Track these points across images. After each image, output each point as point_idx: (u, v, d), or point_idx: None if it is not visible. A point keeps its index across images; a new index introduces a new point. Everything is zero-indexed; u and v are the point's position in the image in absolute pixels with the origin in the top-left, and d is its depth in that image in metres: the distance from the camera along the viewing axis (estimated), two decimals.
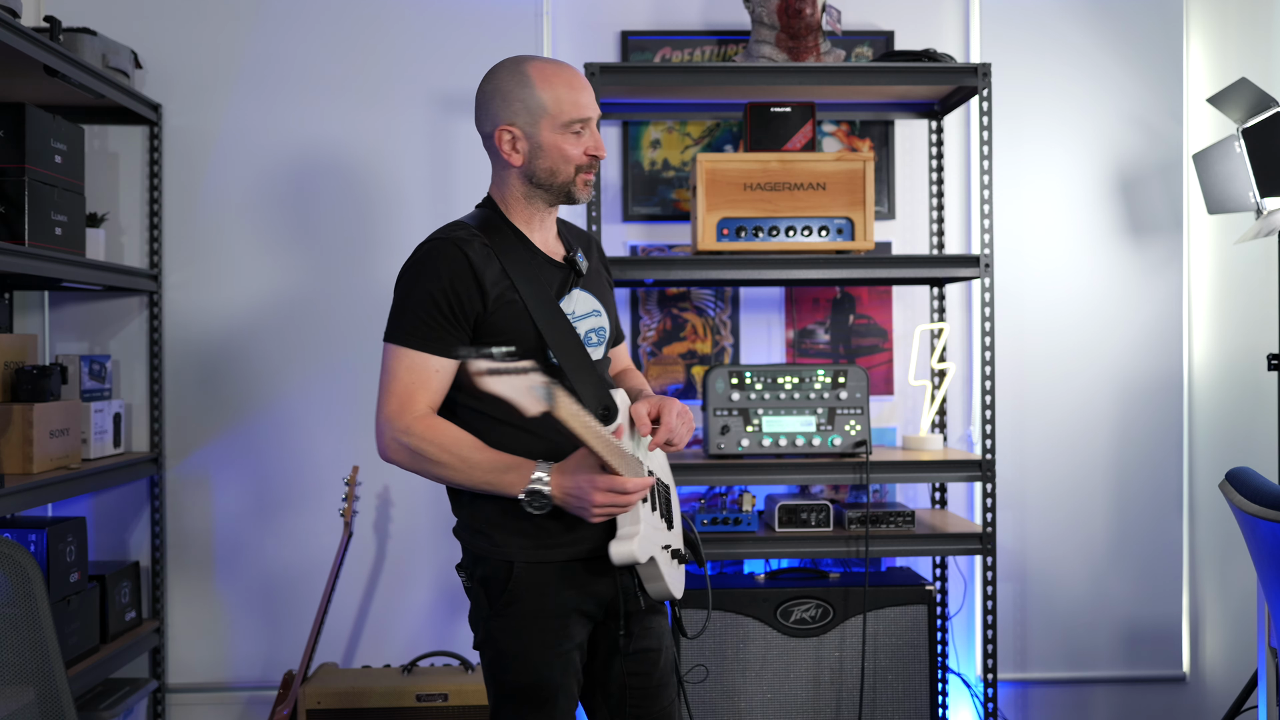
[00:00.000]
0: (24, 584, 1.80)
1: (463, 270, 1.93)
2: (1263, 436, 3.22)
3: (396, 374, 1.93)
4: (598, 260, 2.17)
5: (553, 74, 1.99)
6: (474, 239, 1.97)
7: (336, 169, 3.52)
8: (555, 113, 1.97)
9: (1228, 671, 3.46)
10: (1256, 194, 3.00)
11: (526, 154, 2.00)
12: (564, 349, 1.96)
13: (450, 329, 1.93)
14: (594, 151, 2.01)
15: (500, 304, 1.94)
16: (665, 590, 1.99)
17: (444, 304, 1.93)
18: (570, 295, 2.03)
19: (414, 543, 3.52)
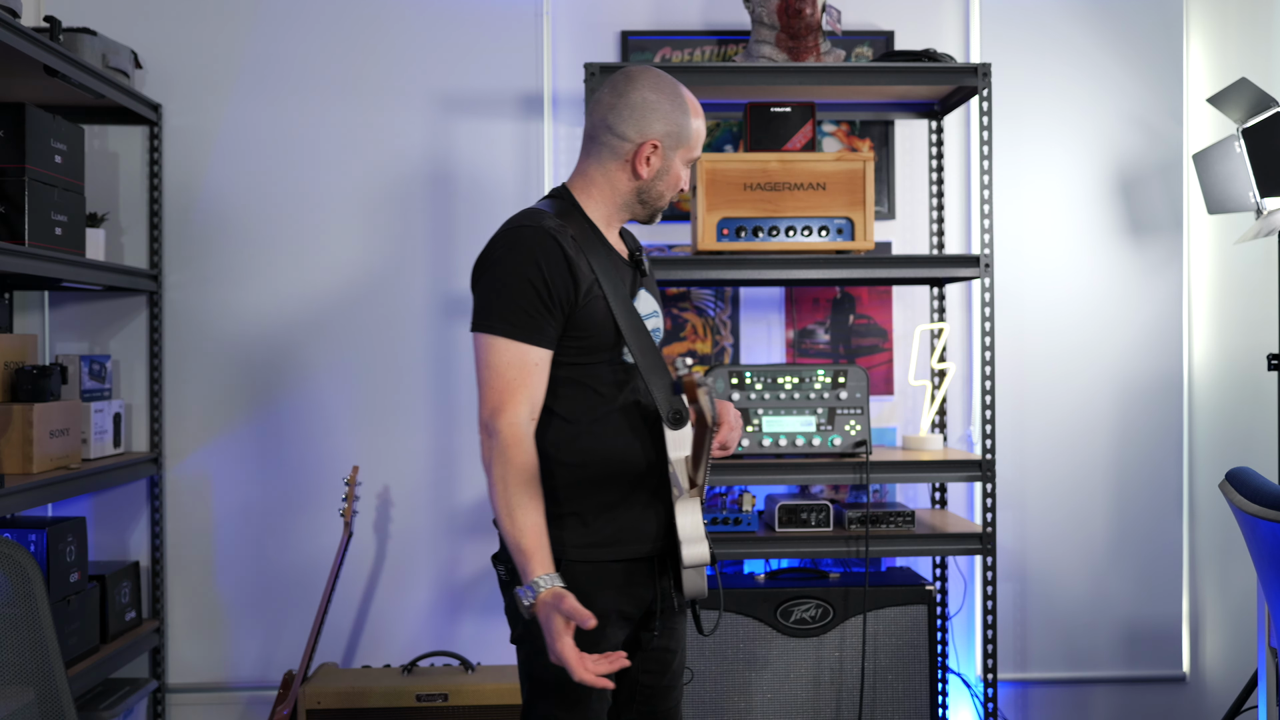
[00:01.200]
0: (24, 584, 1.80)
1: (558, 259, 1.89)
2: (1263, 436, 3.22)
3: (496, 368, 1.87)
4: (650, 264, 2.18)
5: (696, 108, 2.05)
6: (561, 229, 1.94)
7: (336, 169, 3.52)
8: (690, 145, 2.04)
9: (1228, 671, 3.46)
10: (1256, 194, 3.00)
11: (654, 173, 2.02)
12: (641, 348, 1.95)
13: (549, 320, 1.88)
14: (686, 185, 2.09)
15: (590, 298, 1.91)
16: (702, 589, 1.99)
17: (543, 292, 1.87)
18: (639, 295, 2.03)
19: (414, 543, 3.52)
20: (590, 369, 1.94)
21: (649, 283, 2.10)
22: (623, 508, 1.94)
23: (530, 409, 1.88)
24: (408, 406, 3.50)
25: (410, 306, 3.52)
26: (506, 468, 1.84)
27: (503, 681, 3.14)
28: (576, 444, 1.92)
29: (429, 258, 3.53)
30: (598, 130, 2.04)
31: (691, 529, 1.90)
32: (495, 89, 3.54)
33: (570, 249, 1.91)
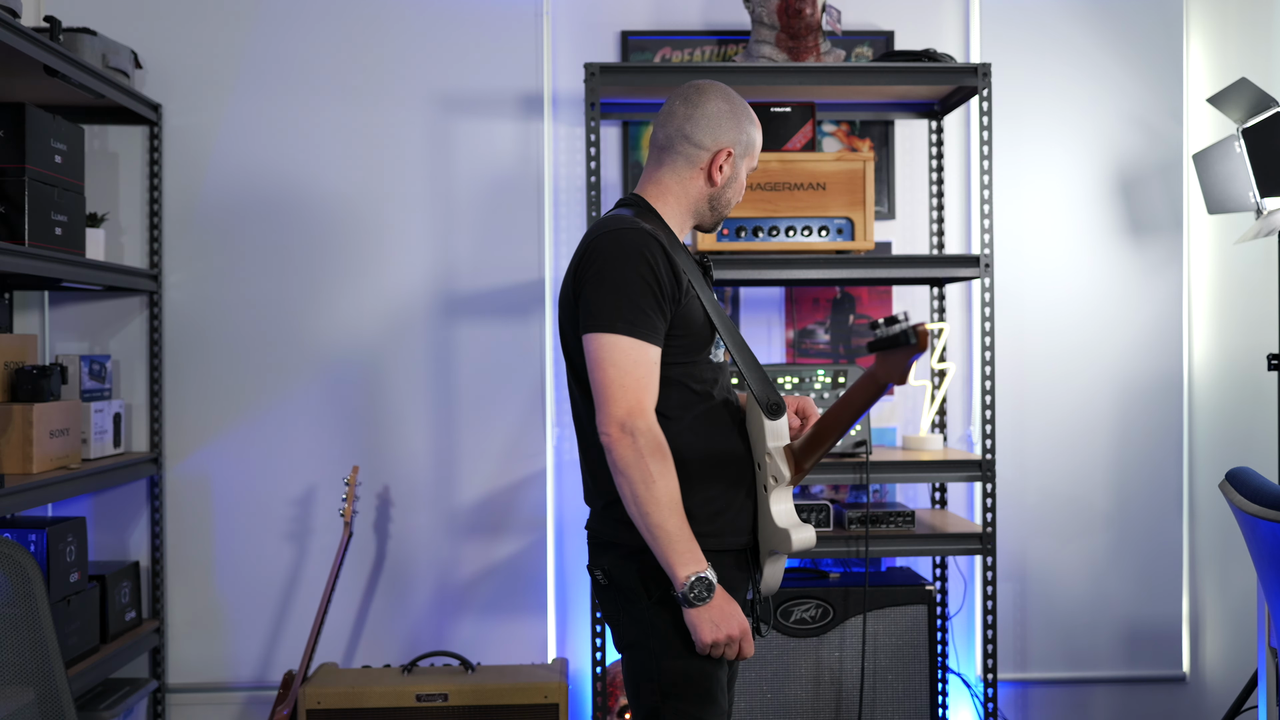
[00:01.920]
0: (24, 584, 1.80)
1: (664, 259, 1.93)
2: (1263, 436, 3.22)
3: (625, 367, 1.88)
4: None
5: (756, 120, 2.16)
6: (659, 232, 2.00)
7: (337, 169, 3.52)
8: (753, 155, 2.14)
9: (1228, 671, 3.46)
10: (1256, 194, 3.00)
11: (725, 180, 2.09)
12: (735, 344, 2.02)
13: (661, 319, 1.93)
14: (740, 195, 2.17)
15: (688, 297, 1.97)
16: (777, 584, 2.07)
17: (657, 292, 1.92)
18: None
19: (414, 543, 3.52)
20: (689, 367, 1.99)
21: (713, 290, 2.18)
22: (723, 501, 1.99)
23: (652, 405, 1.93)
24: (408, 406, 3.50)
25: (411, 306, 3.52)
26: (662, 464, 1.87)
27: (503, 681, 3.14)
28: (678, 440, 1.95)
29: (429, 257, 3.53)
30: (673, 140, 2.08)
31: (788, 516, 1.98)
32: (495, 89, 3.54)
33: (670, 250, 1.97)
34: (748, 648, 1.93)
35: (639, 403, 1.88)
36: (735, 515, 2.01)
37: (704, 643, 1.89)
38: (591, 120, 3.09)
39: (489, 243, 3.53)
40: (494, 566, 3.53)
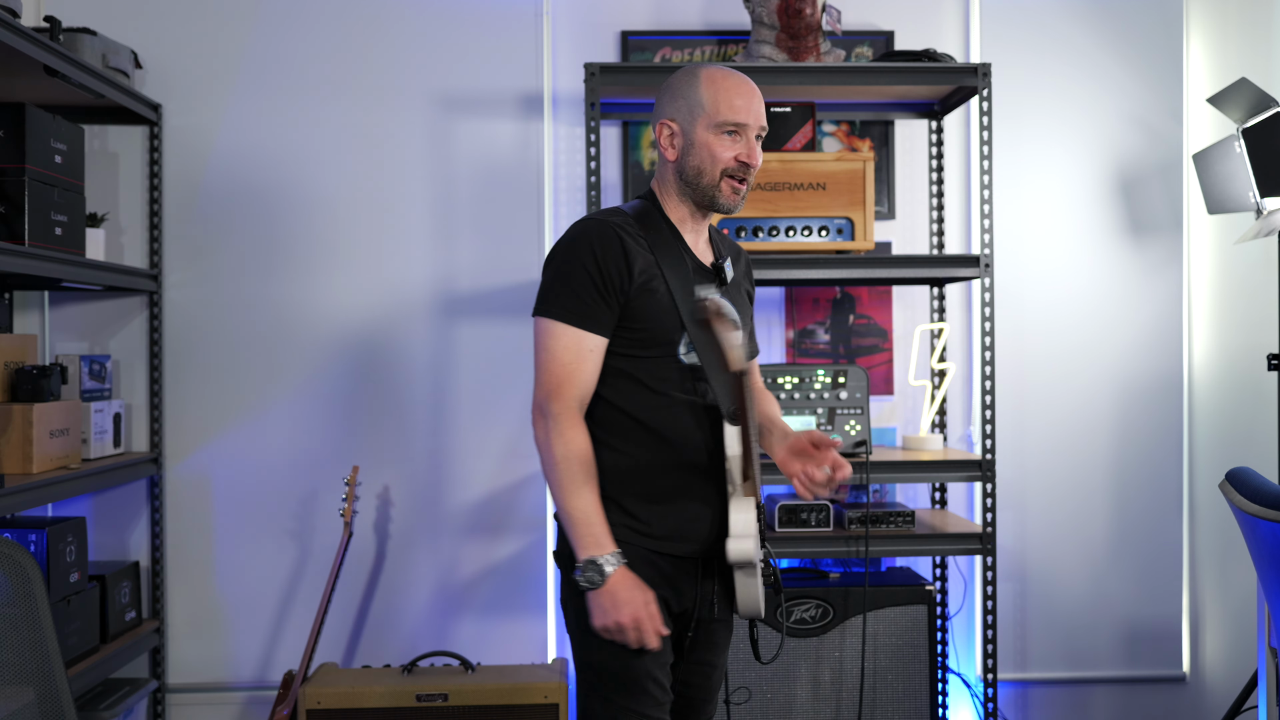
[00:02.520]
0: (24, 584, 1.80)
1: (615, 250, 1.94)
2: (1263, 436, 3.22)
3: (554, 352, 1.94)
4: (743, 273, 2.20)
5: (721, 78, 2.03)
6: (628, 224, 2.00)
7: (337, 168, 3.52)
8: (711, 111, 2.00)
9: (1228, 671, 3.46)
10: (1256, 194, 3.00)
11: (680, 150, 2.03)
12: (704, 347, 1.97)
13: (605, 307, 1.93)
14: (745, 158, 2.01)
15: (644, 291, 1.95)
16: (756, 601, 2.00)
17: (599, 281, 1.93)
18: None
19: (414, 543, 3.52)
20: (644, 362, 1.97)
21: (732, 293, 2.09)
22: (672, 505, 1.97)
23: (582, 394, 1.94)
24: (408, 406, 3.50)
25: (411, 306, 3.52)
26: (566, 448, 1.91)
27: (503, 681, 3.14)
28: (628, 434, 1.96)
29: (429, 257, 3.53)
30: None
31: (742, 526, 1.93)
32: (495, 89, 3.54)
33: (631, 242, 1.96)
34: (646, 639, 1.90)
35: (558, 387, 1.92)
36: (682, 521, 1.98)
37: (595, 627, 1.90)
38: (591, 120, 3.09)
39: (489, 243, 3.53)
40: (494, 566, 3.53)
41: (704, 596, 2.03)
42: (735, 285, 2.13)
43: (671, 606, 2.01)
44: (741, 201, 2.05)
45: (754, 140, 2.03)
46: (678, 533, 1.98)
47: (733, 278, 2.12)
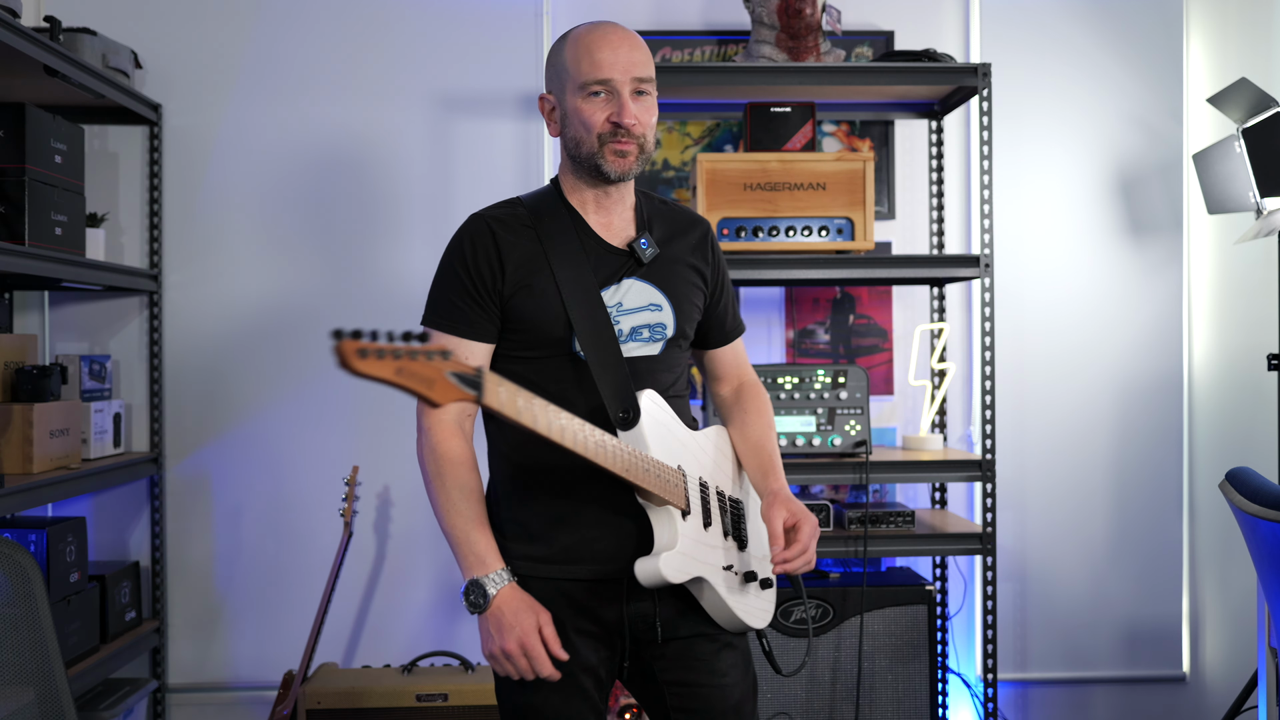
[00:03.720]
0: (24, 584, 1.80)
1: (486, 247, 1.80)
2: (1263, 436, 3.22)
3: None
4: (689, 247, 1.94)
5: (584, 34, 1.81)
6: (512, 217, 1.85)
7: (336, 168, 3.52)
8: (574, 73, 1.80)
9: (1228, 671, 3.46)
10: (1256, 194, 3.00)
11: (560, 122, 1.85)
12: (591, 341, 1.79)
13: (478, 310, 1.80)
14: (616, 118, 1.78)
15: (520, 287, 1.80)
16: (730, 616, 1.85)
17: (468, 284, 1.80)
18: (620, 285, 1.84)
19: (414, 543, 3.52)
20: (537, 364, 1.82)
21: (657, 272, 1.87)
22: (569, 522, 1.81)
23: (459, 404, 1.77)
24: (408, 406, 3.47)
25: (410, 306, 3.51)
26: (438, 464, 1.79)
27: None
28: (525, 443, 1.77)
29: (429, 257, 3.51)
30: None
31: (666, 539, 1.75)
32: (495, 89, 3.54)
33: (508, 235, 1.81)
34: (539, 668, 1.72)
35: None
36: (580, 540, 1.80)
37: (484, 653, 1.76)
38: None
39: None
40: None
41: (638, 618, 1.84)
42: (666, 263, 1.89)
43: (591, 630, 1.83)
44: (634, 165, 1.82)
45: (628, 97, 1.78)
46: (575, 554, 1.81)
47: (665, 253, 1.89)
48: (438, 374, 1.46)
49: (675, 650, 1.88)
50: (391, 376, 1.43)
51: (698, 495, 1.84)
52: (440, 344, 1.46)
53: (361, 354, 1.39)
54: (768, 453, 1.97)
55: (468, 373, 1.48)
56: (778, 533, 1.80)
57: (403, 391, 1.43)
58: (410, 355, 1.43)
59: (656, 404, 1.82)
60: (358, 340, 1.39)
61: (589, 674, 1.84)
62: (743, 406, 2.03)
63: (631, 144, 1.80)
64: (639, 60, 1.81)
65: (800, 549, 1.80)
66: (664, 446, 1.79)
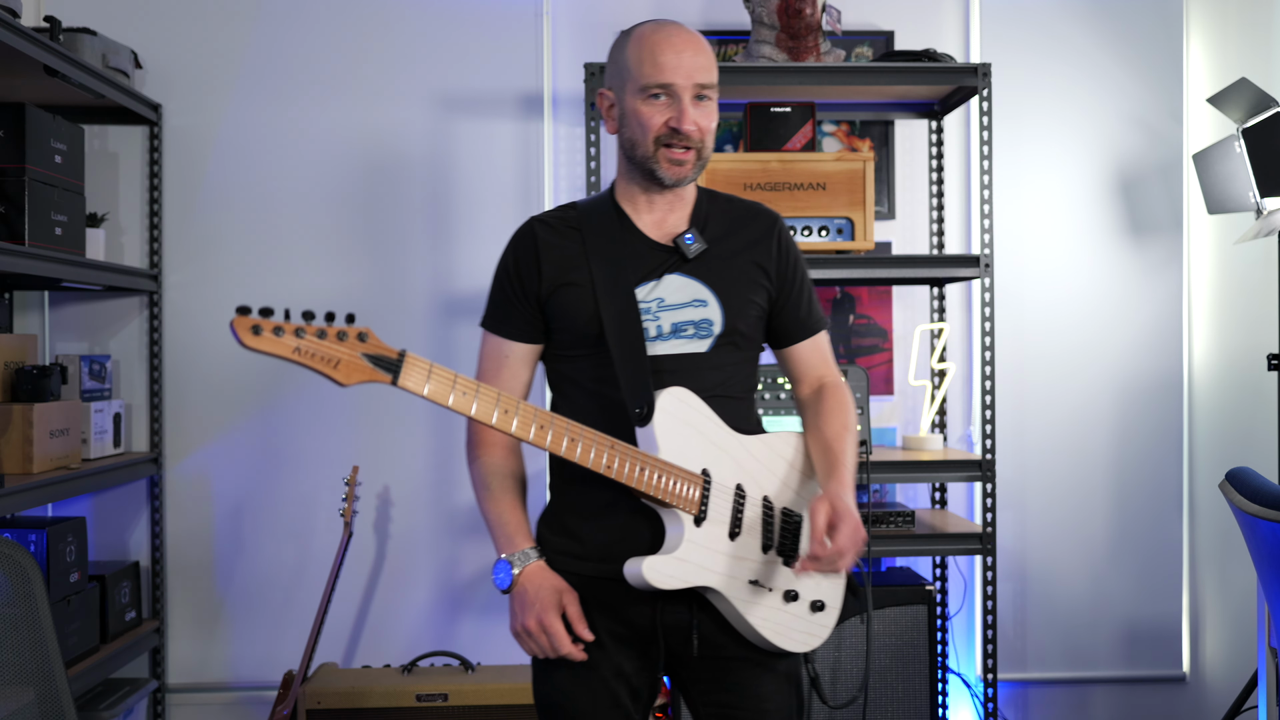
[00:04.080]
0: (24, 584, 1.80)
1: (527, 250, 1.83)
2: (1263, 436, 3.22)
3: (479, 359, 1.89)
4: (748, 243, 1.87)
5: (649, 34, 1.81)
6: (561, 220, 1.86)
7: (336, 168, 3.52)
8: (635, 75, 1.79)
9: (1228, 671, 3.46)
10: (1256, 194, 3.00)
11: (618, 121, 1.83)
12: (619, 337, 1.76)
13: (520, 312, 1.83)
14: (675, 123, 1.76)
15: (558, 287, 1.81)
16: (754, 634, 1.77)
17: (510, 285, 1.84)
18: (660, 281, 1.80)
19: (414, 543, 3.52)
20: (578, 363, 1.83)
21: (704, 267, 1.82)
22: (604, 520, 1.78)
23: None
24: (408, 406, 3.50)
25: (410, 306, 3.52)
26: (474, 448, 1.86)
27: (503, 681, 3.14)
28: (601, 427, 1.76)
29: (429, 257, 3.53)
30: None
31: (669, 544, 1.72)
32: (495, 89, 3.54)
33: (550, 237, 1.83)
34: (558, 645, 1.72)
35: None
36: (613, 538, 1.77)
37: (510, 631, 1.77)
38: (591, 120, 3.09)
39: (489, 243, 3.52)
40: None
41: (673, 628, 1.79)
42: (720, 256, 1.84)
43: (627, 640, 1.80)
44: (690, 172, 1.80)
45: (688, 102, 1.77)
46: (606, 552, 1.77)
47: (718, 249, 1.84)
48: (347, 355, 1.52)
49: (714, 669, 1.82)
50: (288, 354, 1.47)
51: (726, 502, 1.76)
52: (361, 328, 1.52)
53: (255, 330, 1.44)
54: (835, 453, 1.84)
55: (386, 355, 1.55)
56: (817, 529, 1.71)
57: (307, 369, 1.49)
58: (318, 335, 1.48)
59: (683, 402, 1.76)
60: (249, 317, 1.44)
61: (620, 679, 1.81)
62: (817, 408, 1.91)
63: (690, 150, 1.78)
64: (702, 65, 1.80)
65: (831, 550, 1.69)
66: (685, 447, 1.74)
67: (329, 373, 1.51)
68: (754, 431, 1.85)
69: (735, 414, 1.82)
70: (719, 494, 1.76)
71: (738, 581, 1.76)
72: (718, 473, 1.77)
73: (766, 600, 1.78)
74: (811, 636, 1.83)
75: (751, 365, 1.89)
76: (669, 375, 1.77)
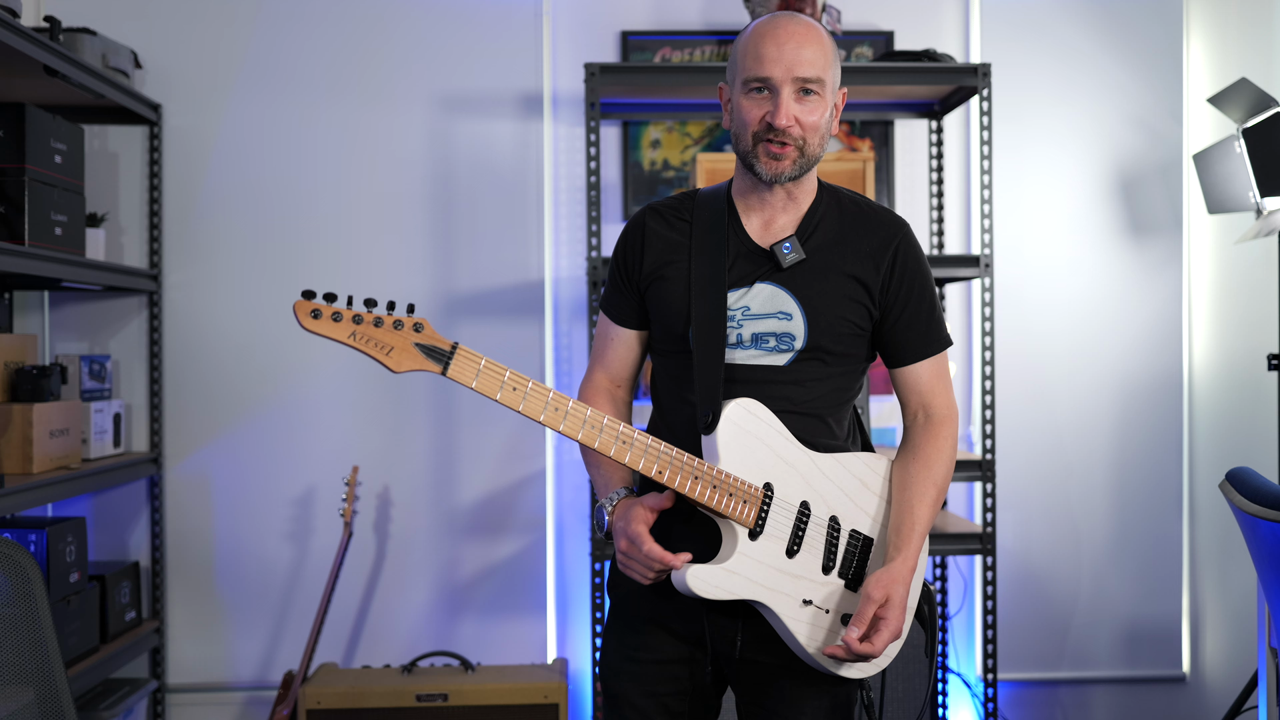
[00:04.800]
0: (24, 584, 1.80)
1: (635, 239, 1.84)
2: (1263, 436, 3.22)
3: (595, 335, 1.93)
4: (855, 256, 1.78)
5: (760, 26, 1.75)
6: (674, 208, 1.84)
7: (336, 168, 3.52)
8: (740, 68, 1.74)
9: (1228, 671, 3.46)
10: (1256, 194, 2.99)
11: (731, 115, 1.79)
12: (701, 340, 1.73)
13: (625, 297, 1.85)
14: (770, 118, 1.70)
15: (654, 279, 1.80)
16: (805, 654, 1.73)
17: (617, 271, 1.86)
18: (750, 289, 1.75)
19: (414, 543, 3.52)
20: (670, 359, 1.82)
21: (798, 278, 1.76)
22: (671, 518, 1.75)
23: (608, 376, 1.89)
24: (408, 406, 3.50)
25: (410, 303, 3.51)
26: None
27: (503, 681, 3.14)
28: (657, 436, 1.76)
29: (429, 257, 3.53)
30: None
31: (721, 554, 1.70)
32: (495, 89, 3.54)
33: (658, 227, 1.82)
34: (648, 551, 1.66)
35: (588, 367, 1.92)
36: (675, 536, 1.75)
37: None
38: (591, 120, 3.09)
39: (489, 243, 3.53)
40: (494, 566, 3.53)
41: (719, 632, 1.78)
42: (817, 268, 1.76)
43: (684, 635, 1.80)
44: (790, 168, 1.72)
45: (787, 96, 1.70)
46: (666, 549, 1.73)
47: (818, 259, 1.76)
48: (401, 343, 1.57)
49: (756, 674, 1.80)
50: (344, 338, 1.54)
51: (788, 519, 1.72)
52: (418, 319, 1.58)
53: (315, 314, 1.52)
54: (911, 513, 1.77)
55: (439, 346, 1.58)
56: (863, 617, 1.68)
57: (361, 353, 1.56)
58: (374, 322, 1.55)
59: (751, 414, 1.71)
60: (311, 301, 1.52)
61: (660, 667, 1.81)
62: (912, 446, 1.84)
63: (788, 146, 1.72)
64: (806, 58, 1.71)
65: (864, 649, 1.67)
66: (748, 460, 1.70)
67: (381, 358, 1.55)
68: (839, 449, 1.81)
69: (814, 430, 1.78)
70: (780, 510, 1.72)
71: (790, 600, 1.72)
72: (781, 488, 1.73)
73: (821, 622, 1.74)
74: (870, 665, 1.77)
75: (844, 380, 1.82)
76: (741, 385, 1.74)
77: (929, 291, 1.83)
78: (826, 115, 1.75)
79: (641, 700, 1.81)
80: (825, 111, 1.75)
